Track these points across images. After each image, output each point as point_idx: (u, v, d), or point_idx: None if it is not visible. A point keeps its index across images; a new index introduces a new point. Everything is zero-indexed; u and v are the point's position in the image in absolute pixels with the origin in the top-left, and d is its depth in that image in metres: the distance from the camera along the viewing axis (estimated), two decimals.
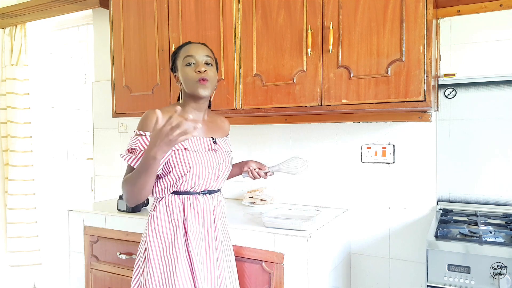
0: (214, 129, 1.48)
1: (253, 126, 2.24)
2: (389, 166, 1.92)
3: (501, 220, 1.62)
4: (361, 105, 1.58)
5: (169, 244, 1.34)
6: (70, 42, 3.09)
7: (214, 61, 1.43)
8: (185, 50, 1.38)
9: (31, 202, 2.91)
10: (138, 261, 1.41)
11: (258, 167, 1.59)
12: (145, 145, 1.29)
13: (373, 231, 1.97)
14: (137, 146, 1.30)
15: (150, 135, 1.20)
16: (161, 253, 1.34)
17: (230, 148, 1.54)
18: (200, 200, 1.38)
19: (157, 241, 1.35)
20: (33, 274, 3.04)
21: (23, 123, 2.87)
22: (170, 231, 1.35)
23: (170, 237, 1.35)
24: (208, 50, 1.41)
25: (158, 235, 1.35)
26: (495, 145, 1.75)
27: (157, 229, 1.35)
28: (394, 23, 1.51)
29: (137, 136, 1.33)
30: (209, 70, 1.36)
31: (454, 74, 1.80)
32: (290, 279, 1.51)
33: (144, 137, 1.31)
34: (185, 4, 1.96)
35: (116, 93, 2.22)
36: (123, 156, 1.33)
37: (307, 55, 1.67)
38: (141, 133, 1.32)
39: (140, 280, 1.38)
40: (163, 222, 1.36)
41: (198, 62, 1.35)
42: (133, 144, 1.32)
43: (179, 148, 1.32)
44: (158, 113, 1.12)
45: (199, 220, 1.38)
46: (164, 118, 1.11)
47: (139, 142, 1.31)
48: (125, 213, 1.92)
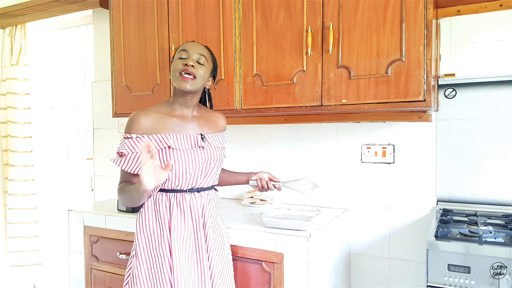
0: (204, 125, 1.46)
1: (253, 126, 2.24)
2: (389, 166, 1.92)
3: (501, 220, 1.62)
4: (361, 105, 1.58)
5: (155, 241, 1.36)
6: (70, 42, 3.09)
7: (210, 63, 1.42)
8: (182, 46, 1.40)
9: (31, 202, 2.91)
10: (130, 258, 1.44)
11: (269, 178, 1.57)
12: (131, 148, 1.33)
13: (373, 231, 1.97)
14: (124, 150, 1.34)
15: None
16: (149, 250, 1.36)
17: (223, 144, 1.51)
18: (187, 198, 1.38)
19: (144, 238, 1.37)
20: (33, 274, 3.03)
21: (23, 123, 2.87)
22: (157, 228, 1.37)
23: (156, 234, 1.36)
24: (204, 50, 1.41)
25: (145, 232, 1.37)
26: (495, 145, 1.75)
27: (145, 226, 1.38)
28: (394, 23, 1.51)
29: (124, 139, 1.36)
30: (198, 68, 1.36)
31: (454, 74, 1.79)
32: (290, 279, 1.51)
33: (131, 139, 1.34)
34: (185, 4, 1.96)
35: (116, 93, 2.22)
36: (113, 160, 1.36)
37: (307, 55, 1.67)
38: (127, 135, 1.35)
39: (130, 277, 1.41)
40: (151, 219, 1.37)
41: (189, 58, 1.36)
42: (121, 147, 1.35)
43: (163, 146, 1.34)
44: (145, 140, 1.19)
45: (185, 218, 1.37)
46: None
47: (126, 145, 1.34)
48: (125, 213, 1.92)
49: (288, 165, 2.15)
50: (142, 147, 1.15)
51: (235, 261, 1.61)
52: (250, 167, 2.24)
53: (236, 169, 2.25)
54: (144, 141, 1.18)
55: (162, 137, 1.34)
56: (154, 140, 1.33)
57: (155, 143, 1.33)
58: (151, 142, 1.30)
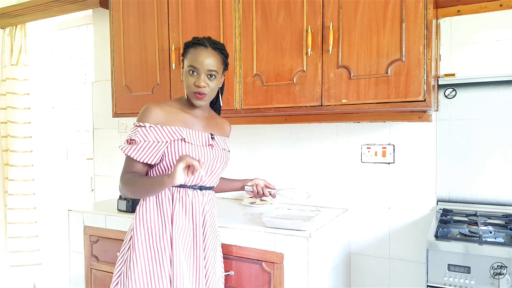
0: (213, 126, 1.50)
1: (253, 126, 2.24)
2: (389, 166, 1.92)
3: (501, 220, 1.62)
4: (361, 105, 1.58)
5: (155, 234, 1.35)
6: (70, 42, 3.09)
7: (222, 67, 1.41)
8: (192, 57, 1.36)
9: (31, 202, 2.91)
10: (122, 250, 1.41)
11: (265, 184, 1.60)
12: (144, 136, 1.32)
13: (373, 231, 1.97)
14: (136, 137, 1.33)
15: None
16: (148, 242, 1.34)
17: (228, 148, 1.55)
18: (189, 195, 1.38)
19: (144, 231, 1.35)
20: (33, 274, 3.03)
21: (23, 123, 2.87)
22: (159, 221, 1.36)
23: (157, 228, 1.35)
24: (215, 62, 1.37)
25: (146, 225, 1.35)
26: (495, 145, 1.75)
27: (146, 218, 1.36)
28: (394, 23, 1.51)
29: (136, 127, 1.35)
30: (210, 83, 1.36)
31: (454, 74, 1.79)
32: (290, 279, 1.51)
33: (144, 128, 1.33)
34: (185, 4, 1.96)
35: (116, 93, 2.22)
36: (122, 148, 1.35)
37: (307, 55, 1.67)
38: (140, 124, 1.35)
39: (122, 269, 1.37)
40: (153, 212, 1.36)
41: (200, 74, 1.35)
42: (132, 134, 1.35)
43: (177, 138, 1.34)
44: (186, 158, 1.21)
45: (186, 214, 1.37)
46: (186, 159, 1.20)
47: (139, 133, 1.33)
48: (125, 213, 1.92)
49: (288, 165, 2.15)
50: (194, 159, 1.19)
51: (235, 261, 1.61)
52: (250, 167, 2.24)
53: (236, 169, 2.25)
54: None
55: (176, 129, 1.35)
56: (167, 131, 1.34)
57: (168, 134, 1.34)
58: (165, 132, 1.33)
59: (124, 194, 1.37)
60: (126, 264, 1.36)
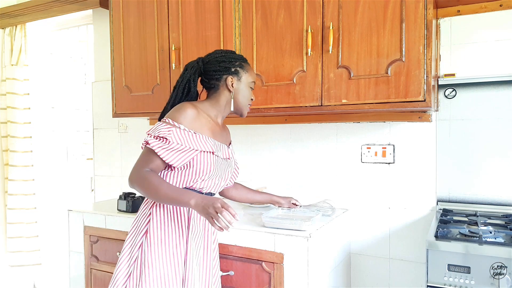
0: (225, 136, 1.54)
1: (253, 126, 2.24)
2: (389, 166, 1.92)
3: (501, 220, 1.62)
4: (361, 105, 1.59)
5: (172, 238, 1.35)
6: (70, 42, 3.09)
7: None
8: (252, 73, 1.48)
9: (31, 202, 2.91)
10: (128, 251, 1.38)
11: (288, 207, 1.77)
12: (177, 138, 1.29)
13: (373, 231, 1.97)
14: (169, 137, 1.29)
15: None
16: (164, 246, 1.33)
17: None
18: None
19: (160, 234, 1.34)
20: (33, 274, 3.03)
21: (23, 123, 2.87)
22: (176, 225, 1.37)
23: (174, 231, 1.36)
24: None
25: (163, 228, 1.34)
26: (495, 145, 1.75)
27: (162, 221, 1.35)
28: (394, 23, 1.51)
29: (171, 126, 1.31)
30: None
31: (454, 74, 1.79)
32: (290, 279, 1.51)
33: (179, 129, 1.31)
34: (185, 4, 1.96)
35: (116, 93, 2.22)
36: (151, 143, 1.29)
37: (307, 55, 1.67)
38: (175, 124, 1.31)
39: (131, 270, 1.34)
40: (170, 215, 1.37)
41: (253, 89, 1.51)
42: (166, 133, 1.29)
43: (207, 150, 1.35)
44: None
45: (200, 219, 1.41)
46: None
47: (173, 133, 1.29)
48: (125, 213, 1.92)
49: (288, 165, 2.15)
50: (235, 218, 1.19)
51: (235, 261, 1.61)
52: (250, 167, 2.24)
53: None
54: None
55: (207, 140, 1.36)
56: (200, 140, 1.33)
57: (200, 143, 1.33)
58: (197, 139, 1.33)
59: (136, 188, 1.29)
60: (136, 265, 1.34)
